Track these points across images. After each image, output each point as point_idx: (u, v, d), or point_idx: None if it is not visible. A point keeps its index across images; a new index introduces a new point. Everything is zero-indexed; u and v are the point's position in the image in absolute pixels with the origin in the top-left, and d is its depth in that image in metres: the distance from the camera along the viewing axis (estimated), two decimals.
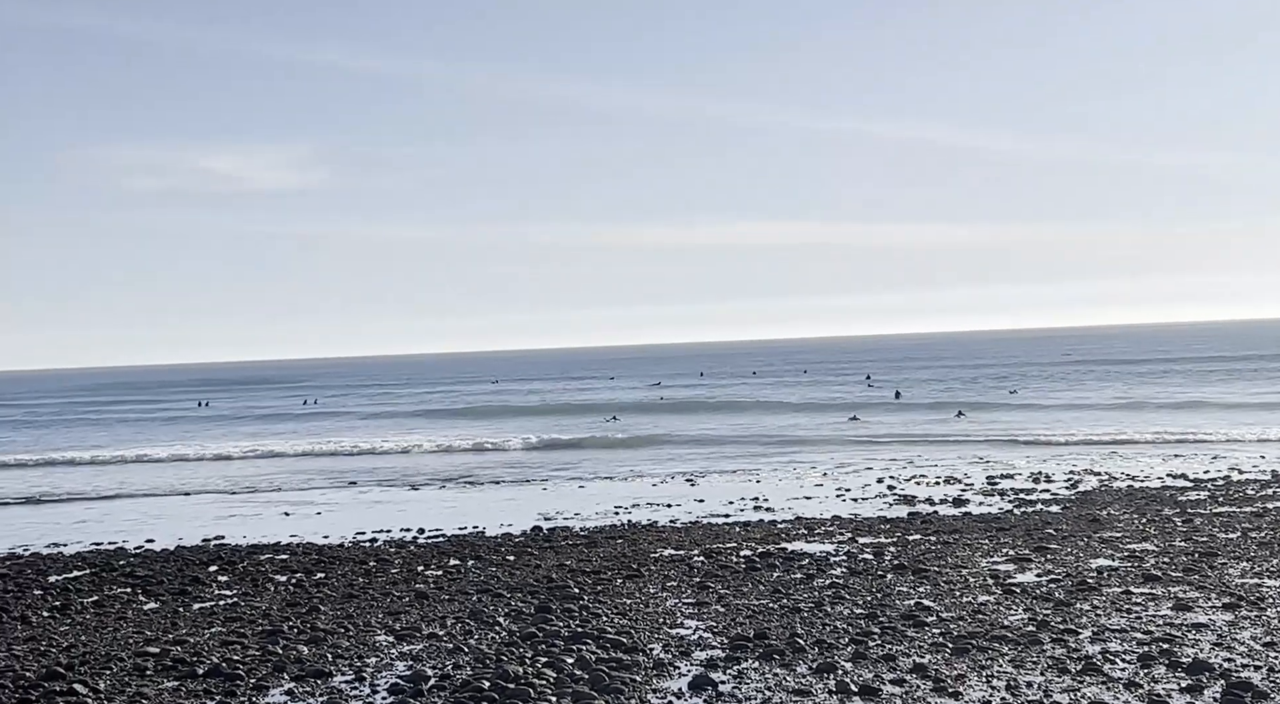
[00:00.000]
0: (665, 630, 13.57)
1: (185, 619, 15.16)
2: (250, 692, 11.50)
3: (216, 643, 13.51)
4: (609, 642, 12.75)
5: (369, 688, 11.57)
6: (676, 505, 26.41)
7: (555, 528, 22.96)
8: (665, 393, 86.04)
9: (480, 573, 17.93)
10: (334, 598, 16.23)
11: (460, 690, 11.12)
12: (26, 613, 15.77)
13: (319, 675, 11.99)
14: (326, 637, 13.66)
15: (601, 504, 27.08)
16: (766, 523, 22.81)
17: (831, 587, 15.80)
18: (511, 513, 25.89)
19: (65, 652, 13.34)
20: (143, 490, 34.25)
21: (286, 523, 25.59)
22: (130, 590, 17.31)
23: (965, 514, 23.14)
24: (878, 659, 11.91)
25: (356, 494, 31.62)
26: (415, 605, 15.50)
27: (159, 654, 12.93)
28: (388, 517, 25.90)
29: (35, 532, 25.44)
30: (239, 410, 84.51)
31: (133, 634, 14.26)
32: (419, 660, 12.52)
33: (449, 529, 23.30)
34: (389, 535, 22.85)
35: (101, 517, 28.02)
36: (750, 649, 12.43)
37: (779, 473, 33.41)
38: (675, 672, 11.76)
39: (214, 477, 38.06)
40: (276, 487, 34.12)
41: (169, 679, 11.99)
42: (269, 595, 16.66)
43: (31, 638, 14.25)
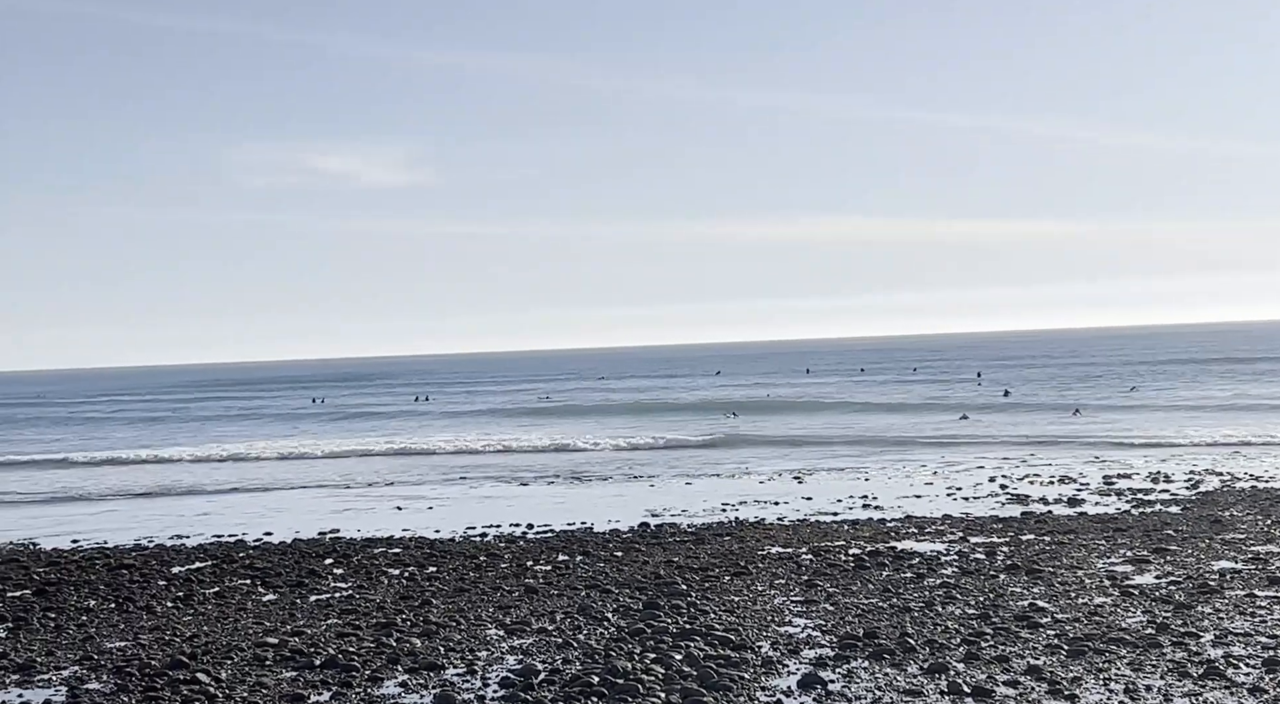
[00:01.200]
0: (773, 628, 13.53)
1: (302, 611, 15.51)
2: (365, 683, 11.73)
3: (332, 635, 13.80)
4: (717, 639, 12.75)
5: (480, 681, 11.73)
6: (784, 503, 26.30)
7: (663, 524, 23.02)
8: (772, 391, 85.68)
9: (589, 569, 18.05)
10: (445, 592, 16.47)
11: (569, 685, 11.21)
12: (152, 603, 16.28)
13: (431, 668, 12.19)
14: (438, 630, 13.87)
15: (709, 501, 27.08)
16: (875, 521, 22.60)
17: (943, 586, 15.60)
18: (619, 509, 26.01)
19: (189, 641, 13.74)
20: (261, 485, 35.10)
21: (399, 517, 26.03)
22: (250, 582, 17.77)
23: (1080, 514, 22.68)
24: (991, 660, 11.74)
25: (466, 489, 32.04)
26: (525, 600, 15.66)
27: (277, 645, 13.24)
28: (497, 512, 26.20)
29: (159, 524, 26.23)
30: (352, 406, 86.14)
31: (252, 625, 14.64)
32: (529, 654, 12.65)
33: (557, 525, 23.49)
34: (498, 530, 23.11)
35: (222, 509, 28.79)
36: (860, 648, 12.34)
37: (888, 471, 33.07)
38: (784, 670, 11.72)
39: (328, 471, 38.86)
40: (389, 481, 34.73)
41: (287, 669, 12.28)
42: (383, 588, 16.97)
43: (156, 627, 14.70)
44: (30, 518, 28.44)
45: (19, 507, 31.33)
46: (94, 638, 14.20)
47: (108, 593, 17.09)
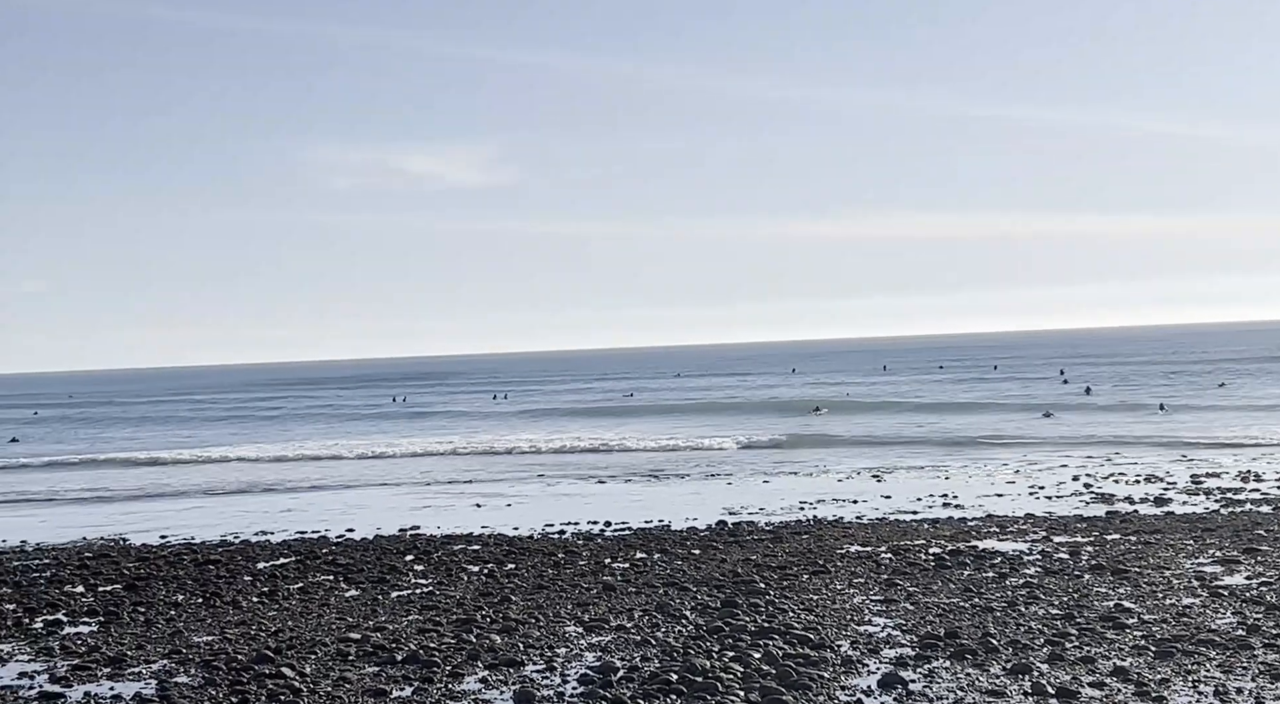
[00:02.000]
0: (853, 627, 13.44)
1: (384, 607, 15.69)
2: (446, 679, 11.83)
3: (414, 630, 13.95)
4: (796, 637, 12.69)
5: (559, 677, 11.78)
6: (863, 501, 26.11)
7: (740, 523, 22.96)
8: (850, 389, 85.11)
9: (666, 566, 18.06)
10: (524, 588, 16.57)
11: (648, 682, 11.22)
12: (238, 598, 16.57)
13: (511, 664, 12.26)
14: (518, 626, 13.95)
15: (786, 499, 26.97)
16: (956, 520, 22.36)
17: (1025, 586, 15.38)
18: (696, 507, 25.99)
19: (273, 636, 13.96)
20: (342, 482, 35.59)
21: (478, 514, 26.24)
22: (333, 578, 18.01)
23: (1168, 513, 22.24)
24: (1075, 661, 11.55)
25: (544, 487, 32.21)
26: (603, 597, 15.71)
27: (360, 640, 13.41)
28: (575, 509, 26.31)
29: (244, 520, 26.69)
30: (432, 405, 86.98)
31: (335, 620, 14.83)
32: (607, 652, 12.69)
33: (635, 522, 23.53)
34: (576, 528, 23.21)
35: (305, 506, 29.22)
36: (941, 648, 12.21)
37: (968, 469, 32.70)
38: (864, 669, 11.63)
39: (408, 469, 39.29)
40: (468, 479, 35.02)
41: (370, 665, 12.43)
42: (462, 585, 17.11)
43: (242, 622, 14.96)
44: (121, 514, 29.09)
45: (110, 503, 32.06)
46: (182, 632, 14.48)
47: (195, 588, 17.42)
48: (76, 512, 30.16)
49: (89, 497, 33.77)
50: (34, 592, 17.56)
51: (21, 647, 13.96)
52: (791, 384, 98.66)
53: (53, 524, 27.22)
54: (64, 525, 26.87)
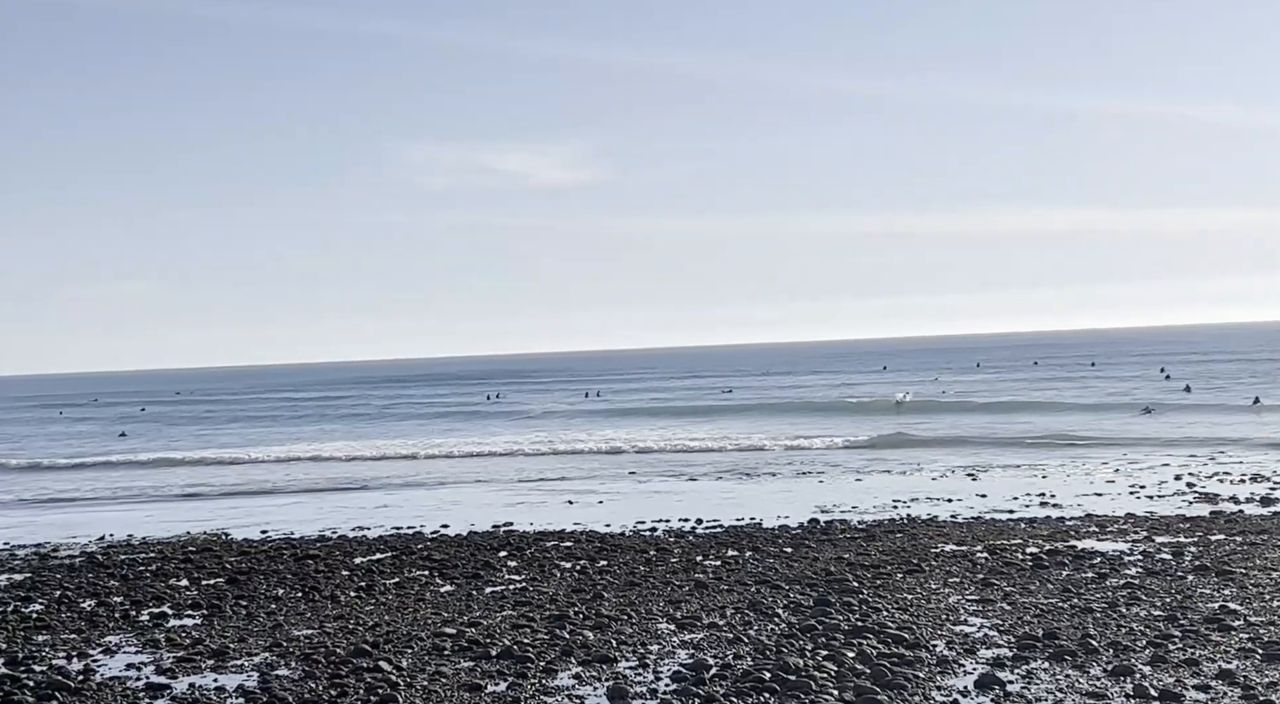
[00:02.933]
0: (948, 627, 13.29)
1: (478, 602, 15.85)
2: (540, 674, 11.92)
3: (507, 626, 14.07)
4: (890, 637, 12.58)
5: (652, 674, 11.81)
6: (957, 500, 25.79)
7: (832, 521, 22.81)
8: (944, 386, 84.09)
9: (758, 564, 18.01)
10: (616, 585, 16.63)
11: (741, 680, 11.20)
12: (336, 592, 16.85)
13: (604, 661, 12.32)
14: (610, 623, 14.01)
15: (879, 498, 26.73)
16: (1054, 519, 21.99)
17: (1126, 587, 15.08)
18: (788, 505, 25.88)
19: (371, 630, 14.18)
20: (436, 479, 36.02)
21: (570, 511, 26.39)
22: (428, 573, 18.24)
23: (1275, 514, 21.66)
24: (1179, 664, 11.30)
25: (636, 484, 32.29)
26: (695, 595, 15.71)
27: (455, 635, 13.56)
28: (666, 507, 26.34)
29: (342, 516, 27.13)
30: (525, 402, 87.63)
31: (431, 615, 15.02)
32: (700, 649, 12.69)
33: (726, 520, 23.50)
34: (668, 525, 23.23)
35: (400, 503, 29.62)
36: (1039, 649, 12.02)
37: (1066, 468, 32.13)
38: (960, 669, 11.50)
39: (502, 466, 39.65)
40: (560, 476, 35.23)
41: (465, 659, 12.57)
42: (555, 581, 17.22)
43: (340, 616, 15.21)
44: (222, 509, 29.75)
45: (211, 499, 32.80)
46: (282, 626, 14.77)
47: (295, 582, 17.75)
48: (180, 507, 30.90)
49: (192, 492, 34.58)
50: (140, 585, 18.03)
51: (129, 639, 14.34)
52: (883, 382, 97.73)
53: (157, 519, 27.92)
54: (168, 520, 27.55)
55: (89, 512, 30.45)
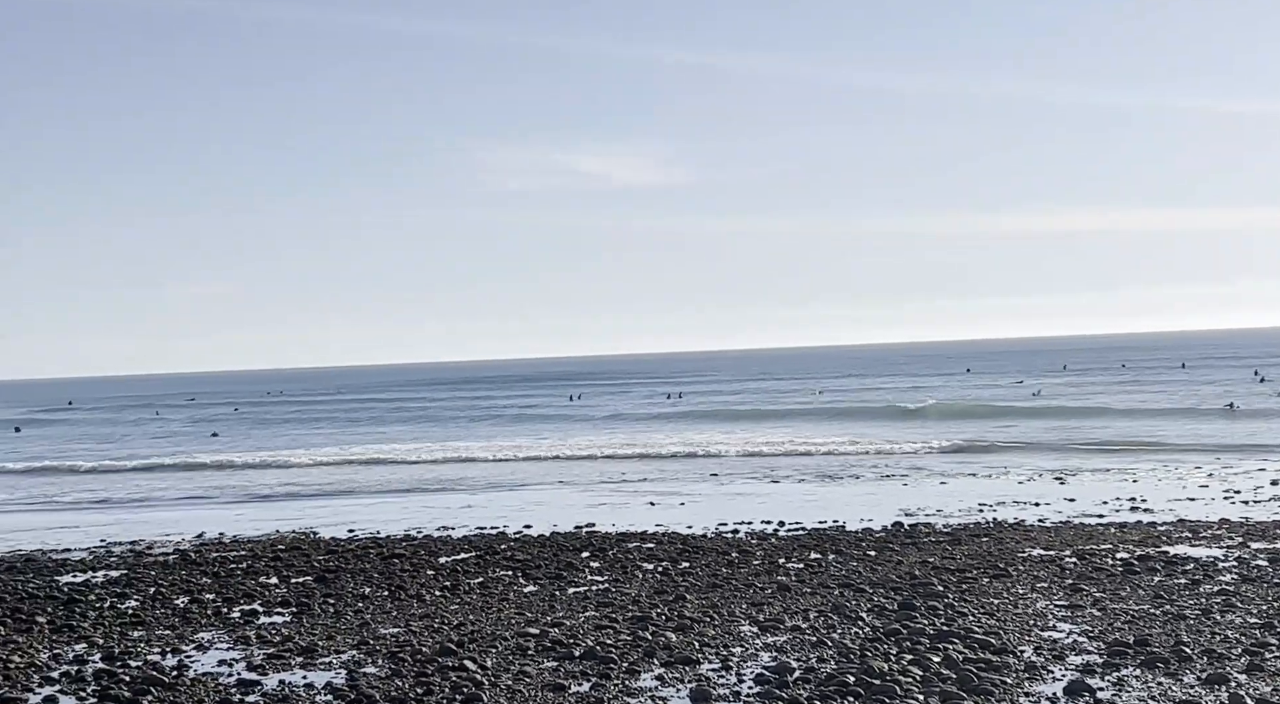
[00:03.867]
0: (1036, 632, 13.10)
1: (561, 603, 15.94)
2: (623, 675, 11.96)
3: (590, 626, 14.13)
4: (976, 642, 12.43)
5: (735, 677, 11.79)
6: (1045, 504, 25.41)
7: (917, 524, 22.59)
8: (1029, 389, 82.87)
9: (841, 567, 17.89)
10: (699, 587, 16.63)
11: (825, 684, 11.14)
12: (421, 592, 17.04)
13: (687, 662, 12.32)
14: (693, 625, 14.01)
15: (964, 501, 26.42)
16: (1145, 524, 21.57)
17: (1220, 593, 14.75)
18: (871, 508, 25.68)
19: (456, 629, 14.32)
20: (519, 480, 36.26)
21: (652, 513, 26.42)
22: (511, 573, 18.37)
23: None
24: (1276, 672, 11.03)
25: (717, 486, 32.25)
26: (778, 597, 15.65)
27: (539, 635, 13.65)
28: (748, 509, 26.27)
29: (427, 516, 27.44)
30: (607, 405, 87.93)
31: (514, 615, 15.13)
32: (783, 652, 12.64)
33: (809, 522, 23.38)
34: (750, 527, 23.17)
35: (484, 503, 29.87)
36: (1130, 656, 11.80)
37: (1157, 472, 31.51)
38: (1049, 675, 11.33)
39: (584, 467, 39.82)
40: (642, 477, 35.30)
41: (548, 659, 12.64)
42: (638, 582, 17.26)
43: (426, 615, 15.38)
44: (311, 508, 30.22)
45: (299, 498, 33.31)
46: (369, 624, 14.97)
47: (381, 581, 17.98)
48: (269, 506, 31.43)
49: (280, 491, 35.16)
50: (231, 582, 18.39)
51: (220, 635, 14.63)
52: (966, 384, 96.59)
53: (248, 518, 28.44)
54: (258, 518, 28.05)
55: (182, 510, 31.10)
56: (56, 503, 34.10)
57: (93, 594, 17.52)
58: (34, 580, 19.00)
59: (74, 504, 33.60)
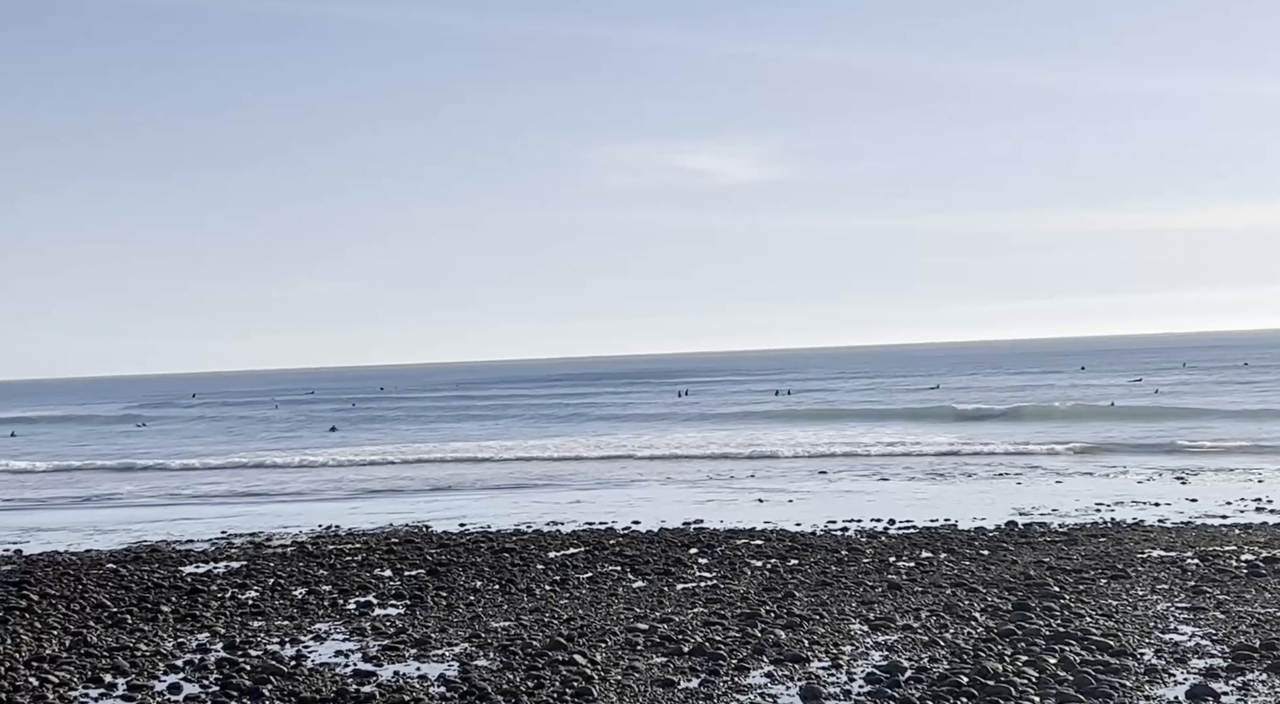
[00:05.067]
0: (1156, 635, 12.78)
1: (670, 598, 15.96)
2: (732, 671, 11.94)
3: (699, 623, 14.13)
4: (1094, 644, 12.17)
5: (845, 675, 11.70)
6: (1165, 504, 24.77)
7: (1031, 523, 22.18)
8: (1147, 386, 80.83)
9: (953, 566, 17.65)
10: (808, 585, 16.53)
11: (937, 684, 11.00)
12: (531, 586, 17.20)
13: (796, 660, 12.26)
14: (802, 622, 13.93)
15: (1081, 500, 25.87)
16: (1271, 526, 20.92)
17: None
18: (984, 507, 25.28)
19: (565, 624, 14.42)
20: (628, 478, 36.41)
21: (760, 510, 26.33)
22: (620, 569, 18.45)
23: None
24: None
25: (826, 483, 32.03)
26: (888, 596, 15.49)
27: (648, 631, 13.69)
28: (858, 507, 26.04)
29: (537, 510, 27.70)
30: (716, 403, 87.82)
31: (623, 610, 15.19)
32: (894, 651, 12.51)
33: (919, 521, 23.10)
34: (859, 525, 22.97)
35: (592, 499, 30.04)
36: (1257, 660, 11.46)
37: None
38: (1170, 679, 11.05)
39: (692, 464, 39.83)
40: (750, 474, 35.20)
41: (657, 655, 12.67)
42: (746, 579, 17.22)
43: (536, 609, 15.52)
44: (423, 502, 30.69)
45: (412, 493, 33.83)
46: (481, 617, 15.15)
47: (492, 575, 18.19)
48: (383, 500, 31.95)
49: (395, 486, 35.74)
50: (347, 575, 18.76)
51: (337, 626, 14.94)
52: (1082, 382, 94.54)
53: (363, 511, 28.98)
54: (373, 512, 28.57)
55: (299, 504, 31.79)
56: (179, 496, 35.11)
57: (214, 585, 18.01)
58: (159, 571, 19.60)
59: (196, 498, 34.56)
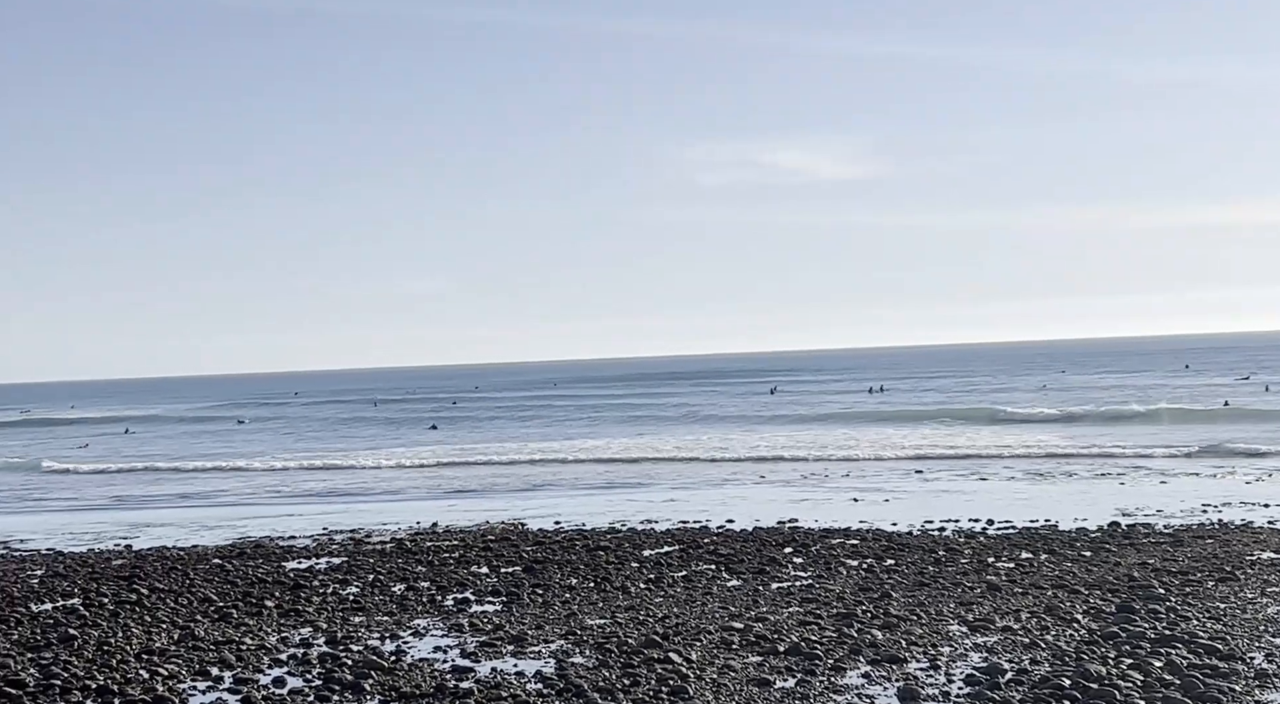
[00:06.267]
0: (1267, 639, 12.44)
1: (765, 598, 15.91)
2: (829, 672, 11.87)
3: (794, 622, 14.06)
4: (1201, 647, 11.89)
5: (944, 677, 11.57)
6: (1276, 505, 24.09)
7: (1135, 524, 21.73)
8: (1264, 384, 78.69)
9: (1054, 568, 17.35)
10: (904, 585, 16.37)
11: (1039, 686, 10.83)
12: (626, 584, 17.26)
13: (894, 661, 12.15)
14: (899, 623, 13.80)
15: (1186, 501, 25.28)
16: None
17: None
18: (1085, 507, 24.82)
19: (660, 622, 14.45)
20: (722, 476, 36.38)
21: (856, 509, 26.13)
22: (714, 567, 18.43)
23: None
24: None
25: (922, 483, 31.69)
26: (987, 597, 15.28)
27: (742, 630, 13.66)
28: (955, 506, 25.73)
29: (631, 508, 27.79)
30: (805, 400, 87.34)
31: (718, 609, 15.18)
32: (994, 653, 12.34)
33: (1019, 521, 22.74)
34: (957, 525, 22.69)
35: (687, 498, 30.05)
36: None
37: None
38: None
39: (785, 463, 39.66)
40: (845, 473, 34.95)
41: (752, 654, 12.64)
42: (841, 579, 17.10)
43: (631, 607, 15.57)
44: (518, 500, 30.95)
45: (507, 491, 34.14)
46: (576, 614, 15.24)
47: (587, 573, 18.28)
48: (479, 497, 32.29)
49: (490, 484, 36.11)
50: (445, 571, 18.99)
51: (435, 622, 15.13)
52: (1187, 381, 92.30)
53: (460, 508, 29.32)
54: (470, 509, 28.89)
55: (397, 500, 32.23)
56: (281, 493, 35.82)
57: (316, 580, 18.35)
58: (263, 566, 20.02)
59: (297, 495, 35.22)
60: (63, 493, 38.42)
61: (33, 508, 34.14)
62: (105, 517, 30.49)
